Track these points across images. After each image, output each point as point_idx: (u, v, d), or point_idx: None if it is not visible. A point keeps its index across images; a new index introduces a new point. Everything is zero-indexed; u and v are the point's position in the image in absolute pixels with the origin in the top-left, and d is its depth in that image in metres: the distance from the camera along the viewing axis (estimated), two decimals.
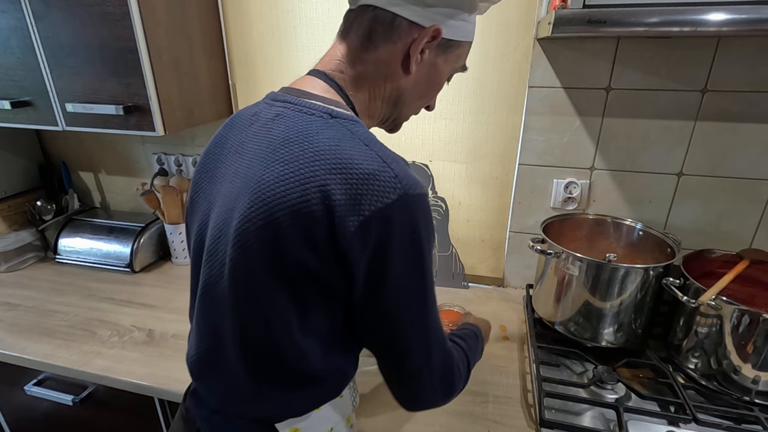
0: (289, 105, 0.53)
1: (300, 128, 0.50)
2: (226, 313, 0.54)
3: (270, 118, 0.53)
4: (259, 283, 0.49)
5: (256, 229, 0.47)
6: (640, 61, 0.97)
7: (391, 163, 0.47)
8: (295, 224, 0.46)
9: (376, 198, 0.45)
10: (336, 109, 0.52)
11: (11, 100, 1.10)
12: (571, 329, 0.97)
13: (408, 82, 0.58)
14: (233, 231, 0.49)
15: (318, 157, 0.46)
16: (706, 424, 0.78)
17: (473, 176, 1.22)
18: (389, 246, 0.46)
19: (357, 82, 0.57)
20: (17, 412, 1.16)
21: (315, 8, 1.15)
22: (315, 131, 0.49)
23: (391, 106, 0.61)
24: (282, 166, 0.47)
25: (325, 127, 0.49)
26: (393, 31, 0.54)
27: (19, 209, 1.45)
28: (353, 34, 0.56)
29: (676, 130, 1.00)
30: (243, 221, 0.48)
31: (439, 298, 1.23)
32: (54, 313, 1.15)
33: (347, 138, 0.49)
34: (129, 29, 0.95)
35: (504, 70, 1.10)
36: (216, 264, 0.53)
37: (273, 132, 0.51)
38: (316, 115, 0.51)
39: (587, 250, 1.03)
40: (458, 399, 0.85)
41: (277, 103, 0.55)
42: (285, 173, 0.47)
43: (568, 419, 0.80)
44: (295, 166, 0.46)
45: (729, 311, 0.79)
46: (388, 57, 0.56)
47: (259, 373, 0.55)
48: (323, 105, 0.52)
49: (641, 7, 0.69)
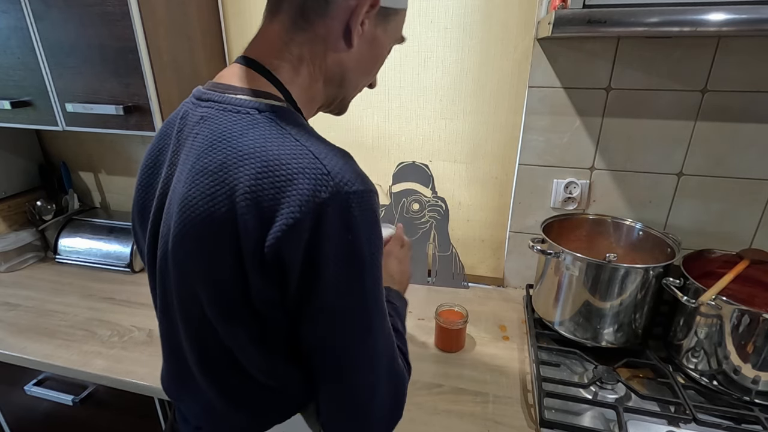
0: (214, 104, 0.50)
1: (224, 131, 0.46)
2: (182, 337, 0.53)
3: (195, 121, 0.50)
4: (205, 305, 0.48)
5: (190, 251, 0.46)
6: (640, 61, 0.97)
7: (324, 159, 0.43)
8: (227, 240, 0.43)
9: (305, 197, 0.41)
10: (264, 101, 0.48)
11: (11, 100, 1.10)
12: (571, 329, 0.97)
13: (351, 59, 0.54)
14: (171, 254, 0.48)
15: (243, 163, 0.43)
16: (706, 424, 0.78)
17: (473, 176, 1.22)
18: (320, 248, 0.42)
19: (293, 65, 0.51)
20: (17, 412, 1.16)
21: None
22: (239, 133, 0.45)
23: (336, 87, 0.56)
24: (206, 179, 0.45)
25: (251, 126, 0.46)
26: (327, 4, 0.49)
27: (19, 209, 1.45)
28: (284, 14, 0.50)
29: (676, 130, 1.00)
30: (176, 246, 0.47)
31: (439, 298, 1.23)
32: (54, 313, 1.15)
33: (275, 136, 0.45)
34: (129, 29, 0.95)
35: (504, 70, 1.10)
36: (166, 286, 0.52)
37: (198, 138, 0.48)
38: (242, 112, 0.47)
39: (587, 250, 1.03)
40: (458, 399, 0.86)
41: (202, 103, 0.51)
42: (210, 186, 0.44)
43: (568, 419, 0.80)
44: (220, 176, 0.44)
45: (729, 311, 0.79)
46: (326, 33, 0.50)
47: (227, 390, 0.54)
48: (250, 99, 0.48)
49: (641, 7, 0.69)
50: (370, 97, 1.21)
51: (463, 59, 1.11)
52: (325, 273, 0.43)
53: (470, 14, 1.07)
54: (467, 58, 1.11)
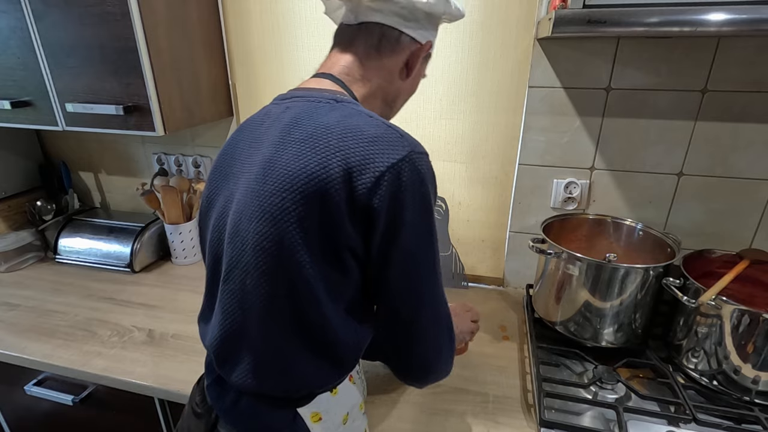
0: (297, 99, 0.60)
1: (308, 112, 0.56)
2: (252, 286, 0.55)
3: (280, 111, 0.59)
4: (286, 252, 0.52)
5: (281, 201, 0.51)
6: (640, 61, 0.97)
7: (395, 127, 0.54)
8: (317, 191, 0.50)
9: (386, 155, 0.50)
10: (341, 96, 0.59)
11: (11, 100, 1.10)
12: (571, 329, 0.97)
13: (404, 86, 0.69)
14: (257, 208, 0.53)
15: (329, 131, 0.52)
16: (706, 424, 0.78)
17: (473, 176, 1.22)
18: (403, 197, 0.51)
19: (363, 83, 0.64)
20: (17, 412, 1.16)
21: (315, 8, 1.15)
22: (323, 113, 0.55)
23: (388, 107, 0.70)
24: (297, 145, 0.53)
25: (331, 109, 0.56)
26: (398, 45, 0.64)
27: (19, 209, 1.45)
28: (360, 46, 0.64)
29: (676, 130, 1.00)
30: (267, 196, 0.52)
31: None
32: (54, 313, 1.15)
33: (353, 114, 0.55)
34: (129, 29, 0.95)
35: (504, 70, 1.10)
36: (238, 242, 0.56)
37: (283, 120, 0.57)
38: (323, 102, 0.57)
39: (587, 250, 1.03)
40: (458, 399, 0.86)
41: (285, 101, 0.61)
42: (301, 149, 0.52)
43: (568, 419, 0.80)
44: (310, 142, 0.52)
45: (729, 311, 0.79)
46: (392, 65, 0.65)
47: (284, 342, 0.57)
48: (329, 94, 0.59)
49: (641, 7, 0.69)
50: None
51: (463, 59, 1.11)
52: (406, 218, 0.52)
53: (470, 14, 1.06)
54: (467, 58, 1.11)
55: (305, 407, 0.60)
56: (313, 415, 0.61)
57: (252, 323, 0.57)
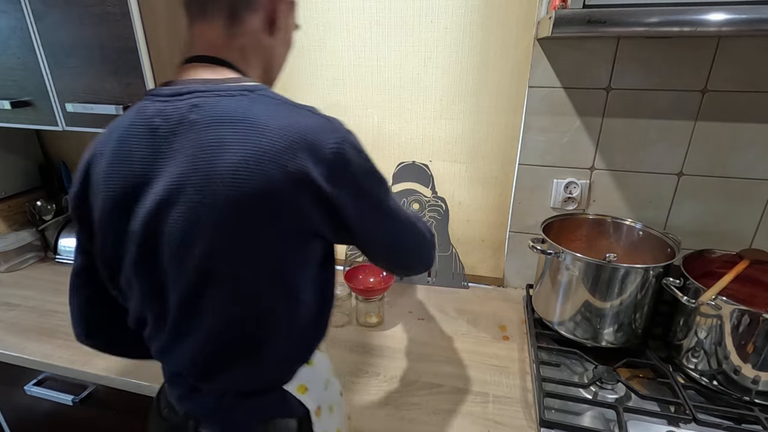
0: (202, 93, 0.52)
1: (228, 110, 0.50)
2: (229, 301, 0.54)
3: (184, 113, 0.51)
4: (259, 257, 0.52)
5: (238, 213, 0.49)
6: (640, 61, 0.97)
7: (321, 114, 0.54)
8: (271, 196, 0.48)
9: (327, 143, 0.50)
10: (249, 83, 0.54)
11: (11, 100, 1.10)
12: (571, 329, 0.97)
13: (276, 44, 0.61)
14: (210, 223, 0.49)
15: (262, 130, 0.48)
16: (706, 424, 0.78)
17: (473, 176, 1.22)
18: (354, 173, 0.53)
19: (242, 56, 0.58)
20: (17, 412, 1.16)
21: (315, 7, 1.15)
22: (245, 109, 0.50)
23: (266, 72, 0.62)
24: (235, 151, 0.48)
25: (252, 103, 0.51)
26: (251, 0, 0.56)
27: (19, 209, 1.45)
28: (214, 14, 0.55)
29: (676, 130, 1.00)
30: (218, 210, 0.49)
31: (439, 297, 1.23)
32: (54, 313, 1.15)
33: (276, 105, 0.52)
34: (129, 29, 0.95)
35: (504, 70, 1.10)
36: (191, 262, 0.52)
37: (198, 122, 0.50)
38: (236, 95, 0.52)
39: (587, 250, 1.03)
40: (458, 399, 0.86)
41: (177, 98, 0.52)
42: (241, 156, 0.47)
43: (568, 419, 0.80)
44: (249, 146, 0.48)
45: (729, 311, 0.79)
46: (255, 25, 0.57)
47: (265, 337, 0.57)
48: (236, 85, 0.53)
49: (641, 7, 0.69)
50: (370, 97, 1.21)
51: (463, 59, 1.11)
52: (364, 188, 0.55)
53: (470, 14, 1.07)
54: (467, 58, 1.11)
55: (290, 383, 0.61)
56: (300, 387, 0.62)
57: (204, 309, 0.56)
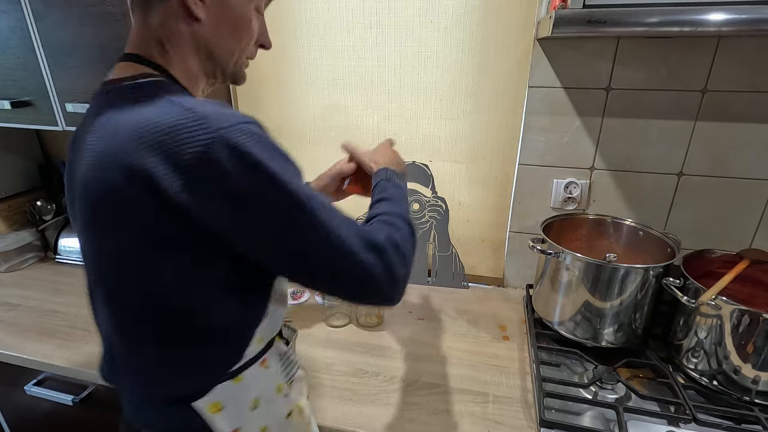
0: (102, 97, 0.54)
1: (106, 112, 0.51)
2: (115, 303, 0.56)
3: (92, 114, 0.55)
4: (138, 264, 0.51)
5: (101, 221, 0.50)
6: (640, 61, 0.97)
7: (195, 107, 0.46)
8: (126, 208, 0.47)
9: (189, 144, 0.44)
10: (141, 80, 0.52)
11: (11, 100, 1.10)
12: (571, 329, 0.97)
13: (205, 29, 0.56)
14: (85, 228, 0.53)
15: (121, 134, 0.47)
16: (706, 424, 0.78)
17: (473, 176, 1.22)
18: (226, 181, 0.45)
19: (160, 49, 0.55)
20: (17, 412, 1.16)
21: (315, 7, 1.15)
22: (117, 110, 0.49)
23: (207, 59, 0.58)
24: (96, 160, 0.48)
25: (127, 101, 0.50)
26: None
27: (19, 209, 1.45)
28: (136, 9, 0.55)
29: (676, 130, 1.00)
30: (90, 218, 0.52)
31: (439, 297, 1.23)
32: (54, 313, 1.15)
33: (149, 102, 0.49)
34: (129, 29, 0.95)
35: (504, 70, 1.10)
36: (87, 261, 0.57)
37: (90, 127, 0.53)
38: (122, 95, 0.51)
39: (587, 250, 1.03)
40: (458, 399, 0.86)
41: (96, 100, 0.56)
42: (99, 163, 0.48)
43: (568, 419, 0.80)
44: (103, 156, 0.48)
45: (729, 311, 0.79)
46: (170, 12, 0.54)
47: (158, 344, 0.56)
48: (129, 82, 0.52)
49: (641, 7, 0.69)
50: (370, 97, 1.21)
51: (463, 59, 1.11)
52: (238, 197, 0.46)
53: (470, 14, 1.07)
54: (467, 58, 1.11)
55: (201, 400, 0.57)
56: (212, 406, 0.58)
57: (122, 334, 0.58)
